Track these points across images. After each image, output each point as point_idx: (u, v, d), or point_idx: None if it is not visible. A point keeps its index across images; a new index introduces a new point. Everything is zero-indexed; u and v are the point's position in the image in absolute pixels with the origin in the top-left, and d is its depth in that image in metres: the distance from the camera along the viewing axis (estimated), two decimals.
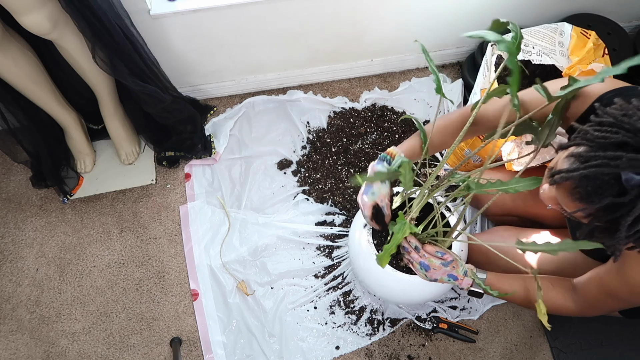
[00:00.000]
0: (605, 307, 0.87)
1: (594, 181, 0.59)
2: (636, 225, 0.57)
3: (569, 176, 0.61)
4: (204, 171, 1.61)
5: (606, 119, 0.61)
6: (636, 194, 0.56)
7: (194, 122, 1.56)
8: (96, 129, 1.66)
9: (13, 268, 1.49)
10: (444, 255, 0.96)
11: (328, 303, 1.41)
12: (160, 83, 1.40)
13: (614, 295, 0.82)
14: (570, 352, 1.33)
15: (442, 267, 0.96)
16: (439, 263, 0.96)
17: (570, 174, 0.61)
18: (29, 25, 1.10)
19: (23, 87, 1.31)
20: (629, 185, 0.56)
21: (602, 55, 1.28)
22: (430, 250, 0.97)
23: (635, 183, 0.56)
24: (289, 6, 1.37)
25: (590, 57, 1.25)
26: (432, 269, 0.97)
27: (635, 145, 0.57)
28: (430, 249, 0.97)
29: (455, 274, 0.98)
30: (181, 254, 1.49)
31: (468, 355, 1.35)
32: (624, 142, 0.58)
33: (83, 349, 1.38)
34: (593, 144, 0.61)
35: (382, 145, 1.63)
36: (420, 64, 1.77)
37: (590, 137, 0.61)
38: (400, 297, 1.23)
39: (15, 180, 1.62)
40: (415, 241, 0.98)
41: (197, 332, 1.38)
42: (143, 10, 1.29)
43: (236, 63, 1.60)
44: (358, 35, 1.57)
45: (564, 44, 1.32)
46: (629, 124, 0.58)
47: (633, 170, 0.56)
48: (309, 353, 1.34)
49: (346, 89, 1.76)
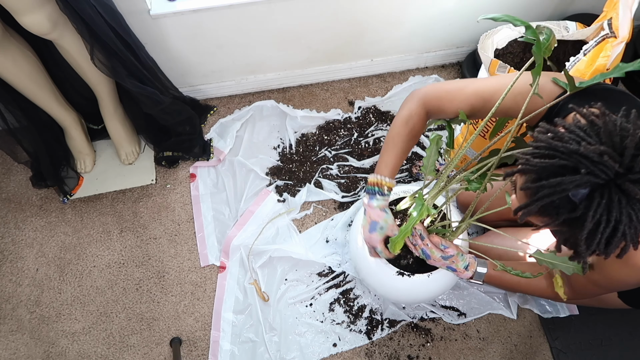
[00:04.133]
0: (592, 294, 0.96)
1: (549, 206, 0.64)
2: (592, 239, 0.61)
3: (528, 211, 0.66)
4: (209, 172, 1.62)
5: (541, 144, 0.65)
6: (585, 207, 0.61)
7: (192, 123, 1.57)
8: (96, 129, 1.66)
9: (13, 268, 1.49)
10: (446, 248, 0.98)
11: (328, 300, 1.41)
12: (159, 84, 1.41)
13: (597, 284, 0.90)
14: (570, 352, 1.33)
15: (441, 260, 0.99)
16: (439, 256, 0.98)
17: (529, 208, 0.66)
18: (28, 25, 1.10)
19: (23, 87, 1.31)
20: (577, 200, 0.61)
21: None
22: (435, 241, 0.98)
23: (582, 197, 0.61)
24: (289, 6, 1.37)
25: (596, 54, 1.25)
26: (432, 258, 0.99)
27: (573, 166, 0.61)
28: (436, 240, 0.99)
29: (454, 267, 1.00)
30: (181, 254, 1.49)
31: (468, 355, 1.35)
32: (562, 166, 0.62)
33: (83, 349, 1.38)
34: (535, 171, 0.65)
35: None
36: (420, 64, 1.77)
37: (532, 164, 0.65)
38: (401, 297, 1.23)
39: (15, 180, 1.62)
40: (423, 229, 0.99)
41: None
42: (143, 10, 1.29)
43: (236, 63, 1.60)
44: (358, 35, 1.57)
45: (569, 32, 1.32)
46: (563, 147, 0.62)
47: (576, 188, 0.60)
48: (306, 348, 1.35)
49: (346, 89, 1.76)
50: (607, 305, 1.14)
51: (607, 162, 0.58)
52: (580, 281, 0.94)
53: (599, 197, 0.60)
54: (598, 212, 0.60)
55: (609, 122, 0.62)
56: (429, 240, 0.98)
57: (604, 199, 0.60)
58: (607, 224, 0.60)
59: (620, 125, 0.61)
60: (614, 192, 0.59)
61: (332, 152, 1.64)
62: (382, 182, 0.98)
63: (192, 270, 1.47)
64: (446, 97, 0.94)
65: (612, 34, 1.15)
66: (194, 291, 1.44)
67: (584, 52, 1.18)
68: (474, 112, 0.92)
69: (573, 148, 0.61)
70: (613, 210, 0.59)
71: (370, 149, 1.64)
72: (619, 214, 0.59)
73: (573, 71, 1.15)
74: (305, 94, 1.76)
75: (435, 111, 0.96)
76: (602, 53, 1.12)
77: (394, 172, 0.99)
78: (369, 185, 0.99)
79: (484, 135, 1.37)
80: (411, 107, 0.96)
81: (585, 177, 0.59)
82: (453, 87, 0.95)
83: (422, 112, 0.96)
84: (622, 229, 0.60)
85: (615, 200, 0.59)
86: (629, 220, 0.60)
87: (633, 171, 0.59)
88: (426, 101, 0.96)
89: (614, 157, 0.59)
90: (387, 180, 0.98)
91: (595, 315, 1.37)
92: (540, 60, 0.75)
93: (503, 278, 1.04)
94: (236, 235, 1.49)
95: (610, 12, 1.19)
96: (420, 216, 0.87)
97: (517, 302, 1.39)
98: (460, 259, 0.99)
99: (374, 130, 1.67)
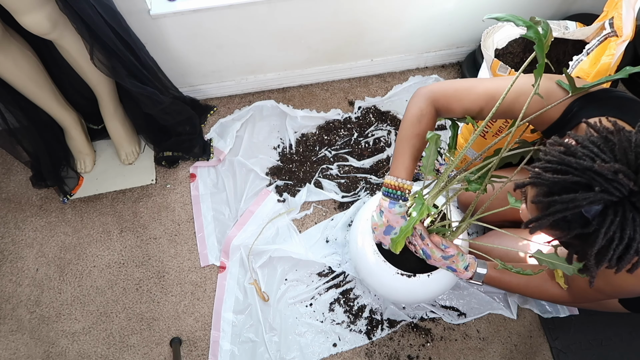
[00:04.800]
0: (593, 299, 0.96)
1: (561, 221, 0.64)
2: (604, 255, 0.61)
3: (539, 225, 0.65)
4: (209, 172, 1.62)
5: (554, 159, 0.64)
6: (598, 223, 0.60)
7: (192, 123, 1.57)
8: (96, 129, 1.66)
9: (13, 268, 1.49)
10: (447, 248, 0.97)
11: (328, 300, 1.41)
12: (159, 84, 1.41)
13: (601, 291, 0.90)
14: (570, 352, 1.33)
15: (441, 260, 0.98)
16: (439, 255, 0.97)
17: (540, 222, 0.65)
18: (29, 25, 1.10)
19: (23, 87, 1.31)
20: (590, 216, 0.60)
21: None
22: (436, 241, 0.97)
23: (595, 213, 0.60)
24: (289, 6, 1.37)
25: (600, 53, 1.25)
26: (432, 258, 0.98)
27: (586, 182, 0.61)
28: (437, 240, 0.97)
29: (454, 267, 1.00)
30: (181, 254, 1.49)
31: (468, 355, 1.35)
32: (576, 182, 0.61)
33: (83, 349, 1.38)
34: (547, 185, 0.64)
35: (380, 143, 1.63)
36: (420, 64, 1.77)
37: (545, 179, 0.64)
38: (401, 297, 1.23)
39: (15, 180, 1.62)
40: (423, 229, 0.98)
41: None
42: (143, 10, 1.29)
43: (236, 63, 1.60)
44: (358, 35, 1.57)
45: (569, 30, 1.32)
46: (577, 164, 0.61)
47: (590, 205, 0.60)
48: (306, 348, 1.35)
49: (346, 88, 1.76)
50: (606, 309, 1.14)
51: (621, 180, 0.57)
52: (582, 286, 0.93)
53: (613, 214, 0.59)
54: (611, 229, 0.59)
55: (623, 138, 0.61)
56: (430, 240, 0.97)
57: (618, 216, 0.59)
58: (620, 242, 0.59)
59: (635, 141, 0.60)
60: (628, 210, 0.59)
61: (332, 152, 1.64)
62: (404, 185, 0.95)
63: (192, 270, 1.47)
64: (455, 96, 0.93)
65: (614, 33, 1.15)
66: (194, 291, 1.44)
67: (587, 51, 1.18)
68: (484, 112, 0.92)
69: (587, 165, 0.60)
70: (627, 228, 0.59)
71: (370, 149, 1.64)
72: (633, 231, 0.59)
73: (577, 71, 1.15)
74: (305, 94, 1.76)
75: (443, 110, 0.95)
76: (606, 52, 1.12)
77: (412, 173, 0.96)
78: (388, 189, 0.96)
79: (484, 135, 1.37)
80: (421, 105, 0.94)
81: (599, 195, 0.59)
82: (461, 86, 0.94)
83: (433, 110, 0.95)
84: (636, 247, 0.59)
85: (630, 218, 0.58)
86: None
87: None
88: (434, 99, 0.95)
89: (629, 175, 0.58)
90: (408, 183, 0.95)
91: (595, 315, 1.37)
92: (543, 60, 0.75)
93: (503, 279, 1.04)
94: (236, 235, 1.49)
95: (612, 11, 1.19)
96: (420, 216, 0.86)
97: (517, 302, 1.39)
98: (461, 259, 0.99)
99: (374, 130, 1.67)
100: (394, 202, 0.96)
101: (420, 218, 0.87)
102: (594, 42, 1.17)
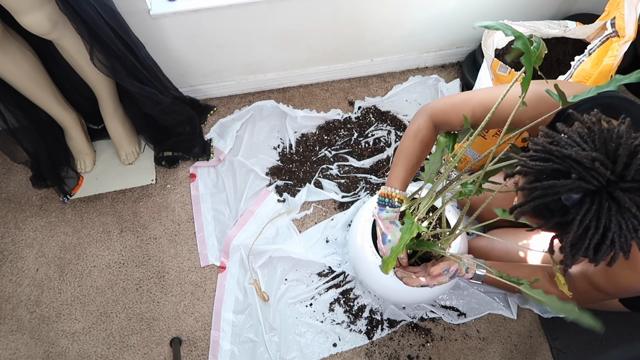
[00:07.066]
0: (595, 299, 0.96)
1: (542, 207, 0.66)
2: (580, 244, 0.62)
3: (522, 210, 0.68)
4: (209, 172, 1.62)
5: (539, 148, 0.66)
6: (575, 211, 0.62)
7: (192, 123, 1.57)
8: (96, 129, 1.66)
9: (13, 268, 1.49)
10: (449, 269, 0.97)
11: (328, 300, 1.41)
12: (159, 84, 1.41)
13: (601, 290, 0.90)
14: (570, 352, 1.33)
15: (449, 280, 0.99)
16: (447, 279, 0.98)
17: (522, 208, 0.67)
18: (29, 25, 1.10)
19: (23, 87, 1.31)
20: (569, 204, 0.62)
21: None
22: (438, 271, 0.97)
23: (573, 202, 0.62)
24: (289, 6, 1.37)
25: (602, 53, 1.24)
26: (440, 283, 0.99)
27: (566, 170, 0.62)
28: (437, 271, 0.96)
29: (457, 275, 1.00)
30: (181, 254, 1.49)
31: (468, 355, 1.35)
32: (556, 170, 0.63)
33: (83, 349, 1.38)
34: (532, 173, 0.66)
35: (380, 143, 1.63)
36: (420, 64, 1.77)
37: (529, 167, 0.66)
38: (400, 297, 1.23)
39: (15, 180, 1.62)
40: (426, 277, 0.98)
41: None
42: (143, 11, 1.29)
43: (236, 63, 1.60)
44: (358, 35, 1.57)
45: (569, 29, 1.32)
46: (558, 151, 0.63)
47: (568, 192, 0.61)
48: (306, 348, 1.35)
49: (346, 88, 1.76)
50: (606, 308, 1.14)
51: (598, 169, 0.59)
52: (583, 287, 0.93)
53: (589, 202, 0.60)
54: (587, 217, 0.60)
55: (605, 129, 0.62)
56: (433, 280, 0.97)
57: (594, 205, 0.60)
58: (595, 230, 0.61)
59: (617, 132, 0.62)
60: (604, 199, 0.60)
61: (332, 152, 1.64)
62: (392, 193, 0.99)
63: (192, 270, 1.47)
64: (452, 110, 0.96)
65: (615, 34, 1.15)
66: (194, 291, 1.44)
67: (588, 51, 1.17)
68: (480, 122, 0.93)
69: (567, 153, 0.62)
70: (602, 217, 0.60)
71: (370, 149, 1.64)
72: (608, 221, 0.60)
73: (578, 71, 1.15)
74: (305, 94, 1.76)
75: (442, 124, 0.99)
76: (608, 53, 1.12)
77: (405, 184, 1.01)
78: (380, 197, 1.00)
79: (484, 135, 1.37)
80: (419, 121, 0.99)
81: (576, 182, 0.60)
82: (458, 99, 0.97)
83: (430, 125, 0.99)
84: (611, 237, 0.60)
85: (605, 207, 0.60)
86: (619, 229, 0.60)
87: (625, 180, 0.59)
88: (433, 114, 0.99)
89: (606, 164, 0.59)
90: (398, 192, 0.99)
91: (595, 315, 1.36)
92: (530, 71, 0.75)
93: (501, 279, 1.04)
94: (236, 235, 1.49)
95: (613, 11, 1.19)
96: (410, 235, 0.87)
97: (517, 302, 1.39)
98: (462, 266, 0.99)
99: (374, 130, 1.67)
100: (382, 208, 1.00)
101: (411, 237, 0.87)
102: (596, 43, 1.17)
